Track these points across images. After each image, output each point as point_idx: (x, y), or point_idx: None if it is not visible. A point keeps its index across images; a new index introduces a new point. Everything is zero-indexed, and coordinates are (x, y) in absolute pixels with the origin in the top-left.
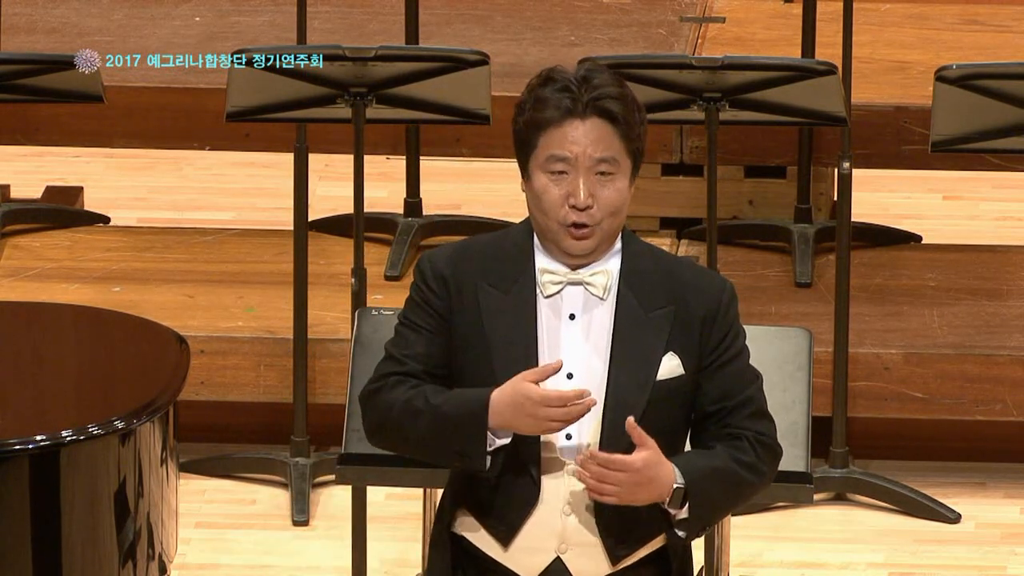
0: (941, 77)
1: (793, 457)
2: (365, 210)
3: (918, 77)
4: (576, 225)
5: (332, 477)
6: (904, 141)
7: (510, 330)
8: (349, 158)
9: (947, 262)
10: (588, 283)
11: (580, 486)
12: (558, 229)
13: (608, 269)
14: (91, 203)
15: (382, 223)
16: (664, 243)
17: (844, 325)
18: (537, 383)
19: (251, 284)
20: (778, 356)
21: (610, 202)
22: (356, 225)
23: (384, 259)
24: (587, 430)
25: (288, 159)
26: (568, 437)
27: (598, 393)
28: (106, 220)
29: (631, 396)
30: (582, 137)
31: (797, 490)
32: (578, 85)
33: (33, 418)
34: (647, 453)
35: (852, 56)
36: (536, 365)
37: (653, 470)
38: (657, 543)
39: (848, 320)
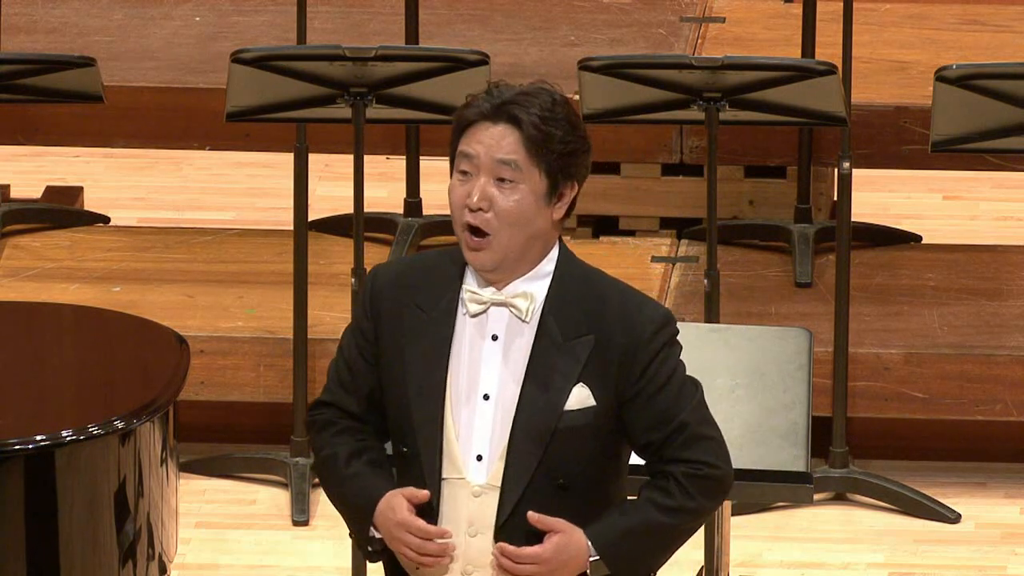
0: (941, 77)
1: (793, 457)
2: (365, 210)
3: (918, 77)
4: (471, 230)
5: None
6: (904, 141)
7: (426, 352)
8: (349, 158)
9: (947, 262)
10: (511, 305)
11: (484, 507)
12: (461, 236)
13: (532, 292)
14: (91, 203)
15: (382, 223)
16: (664, 243)
17: (844, 325)
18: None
19: (251, 284)
20: (778, 356)
21: (506, 211)
22: (356, 225)
23: (384, 259)
24: (496, 453)
25: (288, 159)
26: (479, 458)
27: (509, 416)
28: (106, 220)
29: (539, 422)
30: (488, 138)
31: (797, 490)
32: (502, 93)
33: (33, 418)
34: (557, 538)
35: (852, 56)
36: (443, 389)
37: (565, 553)
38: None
39: (848, 320)
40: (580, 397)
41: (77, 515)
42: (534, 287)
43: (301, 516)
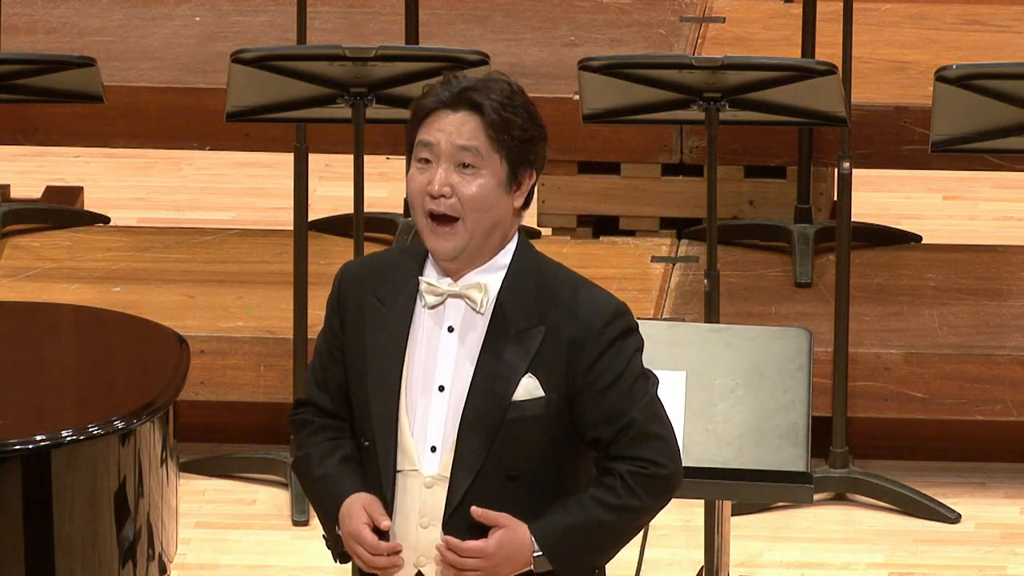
0: (941, 77)
1: (793, 457)
2: (365, 210)
3: (918, 77)
4: (435, 217)
5: None
6: (904, 141)
7: (385, 345)
8: (349, 158)
9: (947, 262)
10: (466, 296)
11: (435, 498)
12: (424, 225)
13: (486, 283)
14: (91, 203)
15: (382, 223)
16: (664, 243)
17: (844, 325)
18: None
19: (251, 284)
20: (778, 356)
21: (470, 197)
22: (356, 225)
23: None
24: (448, 444)
25: (288, 159)
26: (433, 449)
27: (461, 405)
28: (106, 220)
29: (487, 413)
30: (448, 125)
31: (797, 490)
32: (460, 81)
33: (33, 418)
34: (500, 532)
35: (852, 56)
36: (399, 381)
37: (509, 548)
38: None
39: (848, 320)
40: (528, 387)
41: (77, 515)
42: (489, 278)
43: (301, 516)
